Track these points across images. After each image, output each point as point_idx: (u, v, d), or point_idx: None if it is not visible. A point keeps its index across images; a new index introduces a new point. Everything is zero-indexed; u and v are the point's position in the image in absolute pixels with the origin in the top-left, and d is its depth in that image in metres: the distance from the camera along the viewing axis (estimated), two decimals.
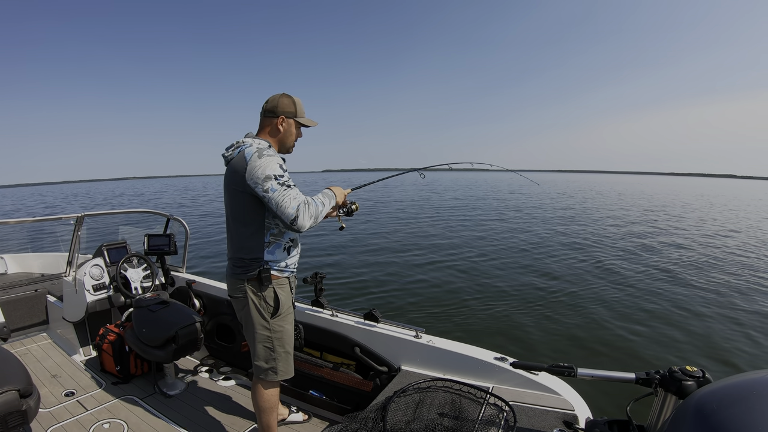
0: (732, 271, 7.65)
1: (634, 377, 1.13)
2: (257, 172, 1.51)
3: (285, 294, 1.72)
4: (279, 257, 1.69)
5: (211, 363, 2.92)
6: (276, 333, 1.72)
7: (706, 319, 5.20)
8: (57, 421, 2.19)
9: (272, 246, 1.67)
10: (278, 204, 1.49)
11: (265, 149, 1.59)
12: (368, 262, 8.15)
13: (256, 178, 1.51)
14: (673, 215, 17.62)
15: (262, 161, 1.53)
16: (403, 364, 2.08)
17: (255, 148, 1.58)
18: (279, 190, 1.50)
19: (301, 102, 1.73)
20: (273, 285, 1.67)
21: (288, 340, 1.77)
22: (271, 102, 1.69)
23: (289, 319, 1.77)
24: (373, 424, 1.46)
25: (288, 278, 1.76)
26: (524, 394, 1.71)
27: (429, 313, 5.37)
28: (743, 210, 21.71)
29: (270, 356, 1.74)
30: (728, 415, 0.72)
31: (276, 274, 1.69)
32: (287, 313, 1.75)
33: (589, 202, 24.66)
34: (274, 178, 1.50)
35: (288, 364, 1.78)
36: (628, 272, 7.46)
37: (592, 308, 5.51)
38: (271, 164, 1.53)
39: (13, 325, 3.18)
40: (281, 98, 1.69)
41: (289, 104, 1.69)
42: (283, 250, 1.70)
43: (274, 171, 1.52)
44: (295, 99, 1.71)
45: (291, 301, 1.78)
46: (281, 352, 1.74)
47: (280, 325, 1.72)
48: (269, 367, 1.75)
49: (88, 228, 3.54)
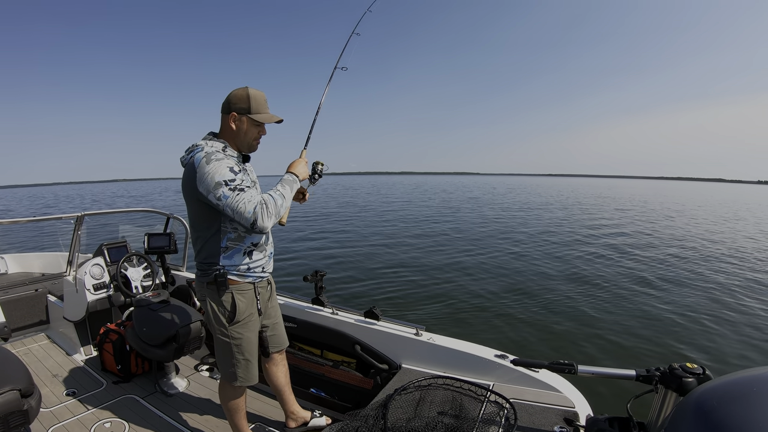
0: (732, 271, 7.66)
1: (635, 374, 1.12)
2: (206, 179, 1.43)
3: (246, 300, 1.66)
4: (238, 261, 1.62)
5: (212, 362, 2.92)
6: (235, 340, 1.66)
7: (707, 317, 5.21)
8: (58, 420, 2.19)
9: (230, 251, 1.60)
10: (234, 210, 1.44)
11: (214, 153, 1.49)
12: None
13: (206, 186, 1.44)
14: (676, 220, 17.64)
15: (210, 167, 1.44)
16: (404, 362, 2.08)
17: (204, 152, 1.48)
18: (231, 195, 1.43)
19: (260, 95, 1.58)
20: (232, 290, 1.62)
21: (248, 347, 1.70)
22: (227, 97, 1.57)
23: (250, 327, 1.69)
24: (373, 421, 1.46)
25: (253, 284, 1.68)
26: (525, 391, 1.71)
27: (431, 311, 5.38)
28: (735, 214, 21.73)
29: (229, 362, 1.70)
30: (728, 411, 0.72)
31: (235, 279, 1.62)
32: (248, 321, 1.67)
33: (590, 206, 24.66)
34: (225, 184, 1.43)
35: (248, 371, 1.72)
36: (628, 272, 7.46)
37: (591, 307, 5.52)
38: (219, 170, 1.44)
39: (14, 325, 3.18)
40: (236, 92, 1.56)
41: (243, 98, 1.54)
42: (243, 255, 1.62)
43: (224, 176, 1.43)
44: (251, 92, 1.55)
45: (255, 308, 1.70)
46: (240, 359, 1.69)
47: (239, 332, 1.66)
48: (230, 372, 1.71)
49: (88, 228, 3.54)
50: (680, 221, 15.70)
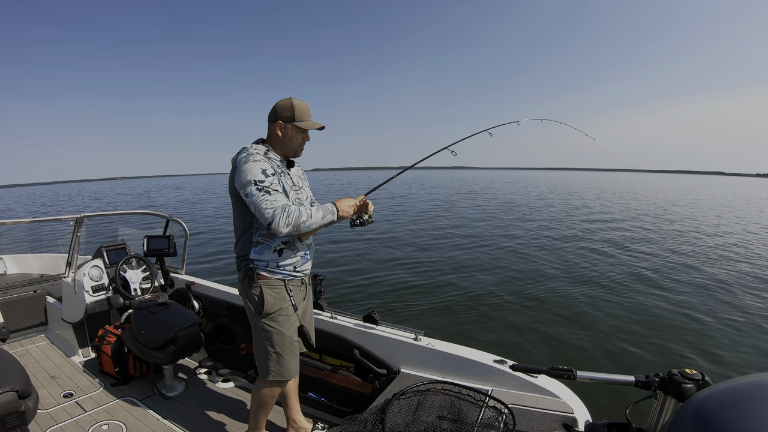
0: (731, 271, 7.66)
1: (634, 380, 1.12)
2: (241, 177, 1.58)
3: (275, 296, 1.71)
4: (267, 258, 1.70)
5: (210, 365, 2.92)
6: (266, 333, 1.72)
7: (707, 322, 5.20)
8: (55, 422, 2.19)
9: (260, 246, 1.70)
10: (256, 208, 1.55)
11: (254, 155, 1.63)
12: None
13: (239, 183, 1.59)
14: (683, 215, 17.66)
15: (246, 167, 1.58)
16: (403, 367, 2.08)
17: (246, 153, 1.64)
18: (257, 195, 1.54)
19: (304, 105, 1.73)
20: (261, 285, 1.70)
21: (279, 342, 1.73)
22: (273, 107, 1.74)
23: (281, 321, 1.73)
24: (372, 426, 1.45)
25: (284, 280, 1.74)
26: (523, 396, 1.70)
27: (433, 312, 5.37)
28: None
29: (261, 354, 1.76)
30: (727, 418, 0.72)
31: (265, 274, 1.70)
32: (279, 315, 1.73)
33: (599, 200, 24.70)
34: (254, 184, 1.55)
35: (281, 366, 1.75)
36: (626, 270, 7.46)
37: (591, 310, 5.51)
38: (253, 170, 1.57)
39: (12, 326, 3.18)
40: (281, 102, 1.72)
41: (287, 108, 1.70)
42: (273, 252, 1.70)
43: (255, 177, 1.56)
44: (295, 102, 1.71)
45: (289, 303, 1.75)
46: (272, 352, 1.73)
47: (269, 325, 1.72)
48: (262, 365, 1.77)
49: (87, 229, 3.54)
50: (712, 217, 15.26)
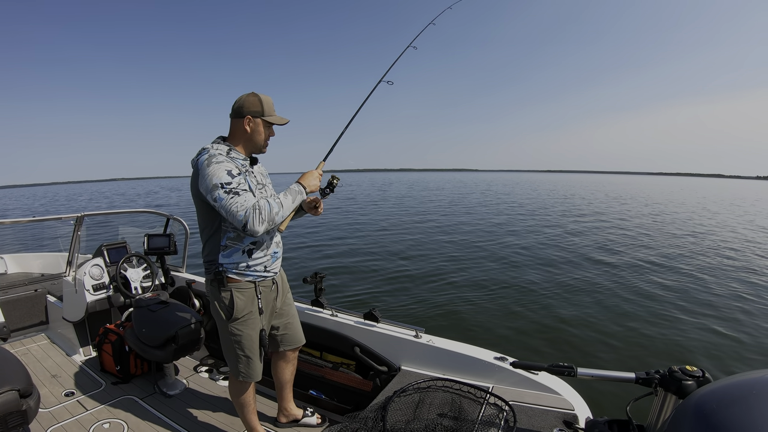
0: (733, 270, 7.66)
1: (634, 377, 1.13)
2: (206, 181, 1.52)
3: (245, 298, 1.69)
4: (237, 260, 1.66)
5: (211, 363, 2.92)
6: (235, 336, 1.71)
7: (708, 319, 5.20)
8: (57, 421, 2.19)
9: (229, 249, 1.65)
10: (227, 212, 1.51)
11: (216, 156, 1.56)
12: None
13: (205, 188, 1.53)
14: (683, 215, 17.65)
15: (210, 170, 1.51)
16: (403, 364, 2.08)
17: (207, 155, 1.56)
18: (225, 198, 1.49)
19: (269, 100, 1.68)
20: (231, 288, 1.67)
21: (248, 344, 1.73)
22: (237, 102, 1.66)
23: (250, 324, 1.72)
24: (372, 423, 1.46)
25: (253, 282, 1.71)
26: (524, 393, 1.71)
27: (433, 312, 5.38)
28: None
29: (231, 357, 1.77)
30: (728, 414, 0.72)
31: (235, 277, 1.67)
32: (247, 319, 1.71)
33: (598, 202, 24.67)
34: (221, 187, 1.50)
35: (250, 368, 1.76)
36: (626, 271, 7.46)
37: (592, 307, 5.51)
38: (218, 172, 1.51)
39: (13, 325, 3.18)
40: (247, 97, 1.65)
41: (255, 103, 1.64)
42: (242, 254, 1.66)
43: (221, 179, 1.50)
44: (262, 97, 1.65)
45: (256, 306, 1.72)
46: (241, 355, 1.74)
47: (238, 329, 1.70)
48: (233, 367, 1.79)
49: (88, 228, 3.54)
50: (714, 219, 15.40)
